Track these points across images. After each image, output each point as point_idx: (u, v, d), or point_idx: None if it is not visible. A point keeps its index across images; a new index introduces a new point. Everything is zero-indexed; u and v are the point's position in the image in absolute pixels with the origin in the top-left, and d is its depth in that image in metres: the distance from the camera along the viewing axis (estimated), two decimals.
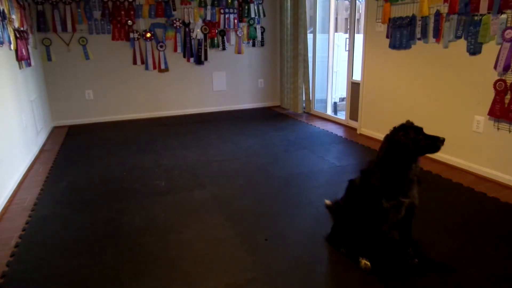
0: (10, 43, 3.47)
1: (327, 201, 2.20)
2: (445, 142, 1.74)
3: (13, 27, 3.62)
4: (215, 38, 5.74)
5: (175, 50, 5.57)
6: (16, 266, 2.01)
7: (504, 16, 2.75)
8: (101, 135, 4.72)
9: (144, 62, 5.46)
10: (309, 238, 2.21)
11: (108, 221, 2.48)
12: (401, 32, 3.69)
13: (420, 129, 1.74)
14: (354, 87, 4.71)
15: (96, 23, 5.12)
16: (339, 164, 3.47)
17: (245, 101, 6.26)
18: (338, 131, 4.67)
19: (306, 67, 5.47)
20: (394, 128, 1.77)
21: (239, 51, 5.96)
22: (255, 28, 5.93)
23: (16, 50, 3.65)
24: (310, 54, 5.49)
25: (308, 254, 2.05)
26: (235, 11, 5.74)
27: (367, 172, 1.85)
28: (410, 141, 1.70)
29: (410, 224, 1.92)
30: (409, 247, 1.93)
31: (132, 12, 5.22)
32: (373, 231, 1.87)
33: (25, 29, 4.09)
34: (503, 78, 2.82)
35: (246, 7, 5.78)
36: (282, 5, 5.68)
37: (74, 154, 3.98)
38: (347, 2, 6.85)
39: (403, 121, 1.80)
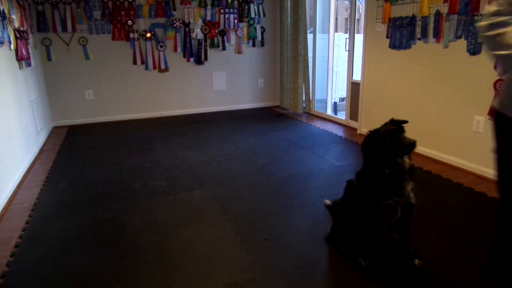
0: (10, 43, 3.47)
1: (327, 201, 2.20)
2: (417, 144, 1.68)
3: (13, 27, 3.62)
4: (215, 38, 5.74)
5: (175, 50, 5.57)
6: (16, 266, 2.01)
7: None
8: (101, 135, 4.72)
9: (144, 62, 5.47)
10: (309, 238, 2.21)
11: (108, 221, 2.48)
12: (401, 32, 3.68)
13: (395, 130, 1.68)
14: (354, 87, 4.71)
15: (96, 23, 5.12)
16: (339, 164, 3.47)
17: (245, 101, 6.26)
18: (338, 131, 4.67)
19: (306, 67, 5.47)
20: (370, 131, 1.76)
21: (239, 51, 5.96)
22: (255, 28, 5.93)
23: (16, 50, 3.65)
24: (310, 54, 5.49)
25: (308, 254, 2.05)
26: (235, 11, 5.74)
27: (361, 174, 1.85)
28: (379, 146, 1.68)
29: (410, 224, 1.92)
30: (409, 247, 1.93)
31: (132, 12, 5.22)
32: (372, 231, 1.87)
33: (25, 29, 4.09)
34: (503, 78, 2.82)
35: (246, 7, 5.78)
36: (282, 5, 5.68)
37: (74, 154, 3.99)
38: (347, 2, 6.85)
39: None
